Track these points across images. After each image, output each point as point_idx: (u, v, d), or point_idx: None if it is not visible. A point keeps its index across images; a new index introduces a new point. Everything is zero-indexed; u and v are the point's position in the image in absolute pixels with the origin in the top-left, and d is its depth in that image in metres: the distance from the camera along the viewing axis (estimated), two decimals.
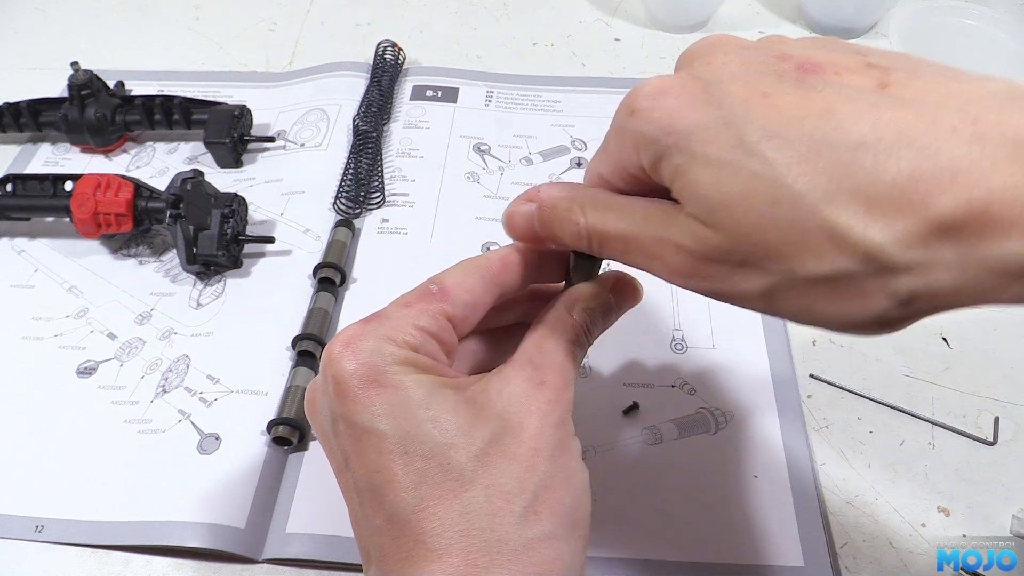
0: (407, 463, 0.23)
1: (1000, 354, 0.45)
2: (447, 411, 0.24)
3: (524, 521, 0.23)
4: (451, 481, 0.23)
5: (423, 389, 0.24)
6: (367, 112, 0.57)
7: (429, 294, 0.27)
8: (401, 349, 0.25)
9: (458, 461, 0.23)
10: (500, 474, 0.24)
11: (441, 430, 0.24)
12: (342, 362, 0.25)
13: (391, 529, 0.24)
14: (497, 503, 0.23)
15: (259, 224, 0.51)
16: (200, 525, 0.37)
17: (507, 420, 0.25)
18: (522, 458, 0.24)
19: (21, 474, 0.40)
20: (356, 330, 0.26)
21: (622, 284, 0.30)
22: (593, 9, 0.70)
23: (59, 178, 0.49)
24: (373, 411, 0.24)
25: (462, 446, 0.24)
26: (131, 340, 0.46)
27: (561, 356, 0.27)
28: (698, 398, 0.42)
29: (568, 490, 0.25)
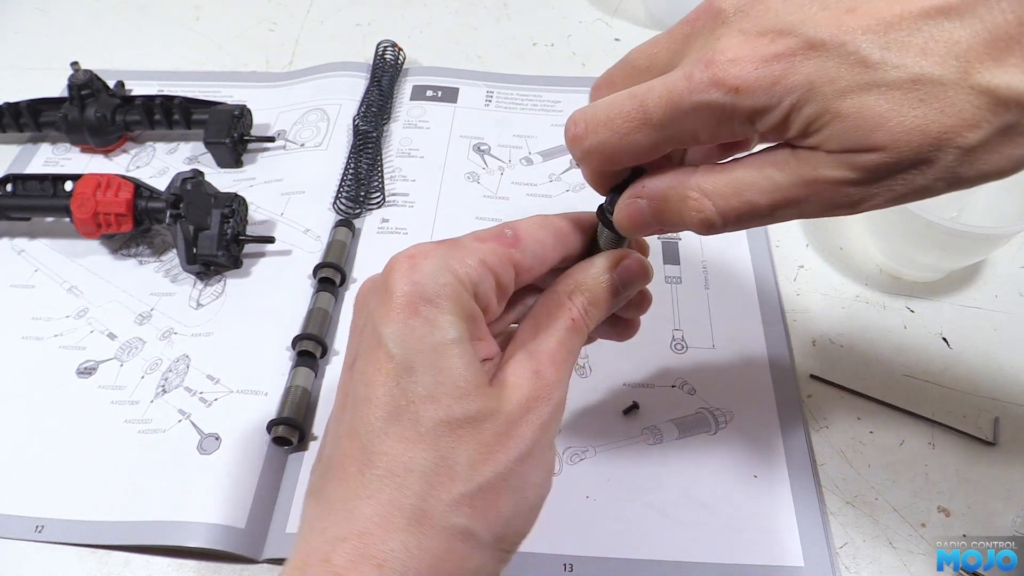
0: (392, 392, 0.24)
1: (1000, 354, 0.45)
2: (455, 366, 0.24)
3: (456, 507, 0.23)
4: (414, 432, 0.23)
5: (450, 333, 0.24)
6: (367, 112, 0.57)
7: (503, 236, 0.27)
8: (457, 280, 0.25)
9: (430, 416, 0.23)
10: (459, 451, 0.23)
11: (437, 381, 0.24)
12: (399, 273, 0.25)
13: (349, 443, 0.24)
14: (440, 477, 0.23)
15: (259, 224, 0.51)
16: (200, 525, 0.37)
17: (496, 404, 0.24)
18: (486, 446, 0.24)
19: (21, 474, 0.40)
20: (426, 248, 0.25)
21: (629, 263, 0.29)
22: (593, 9, 0.70)
23: (59, 178, 0.49)
24: (396, 330, 0.24)
25: (443, 405, 0.23)
26: (131, 340, 0.46)
27: (556, 344, 0.26)
28: (698, 398, 0.42)
29: (513, 501, 0.24)
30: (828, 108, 0.21)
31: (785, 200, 0.23)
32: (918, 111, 0.20)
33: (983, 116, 0.20)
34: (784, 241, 0.51)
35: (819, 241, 0.51)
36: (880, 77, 0.20)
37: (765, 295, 0.47)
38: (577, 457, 0.40)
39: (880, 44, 0.20)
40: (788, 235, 0.51)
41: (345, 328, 0.46)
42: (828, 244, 0.50)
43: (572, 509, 0.38)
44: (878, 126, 0.21)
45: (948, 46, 0.20)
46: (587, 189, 0.55)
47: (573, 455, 0.40)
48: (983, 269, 0.49)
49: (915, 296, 0.47)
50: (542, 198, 0.53)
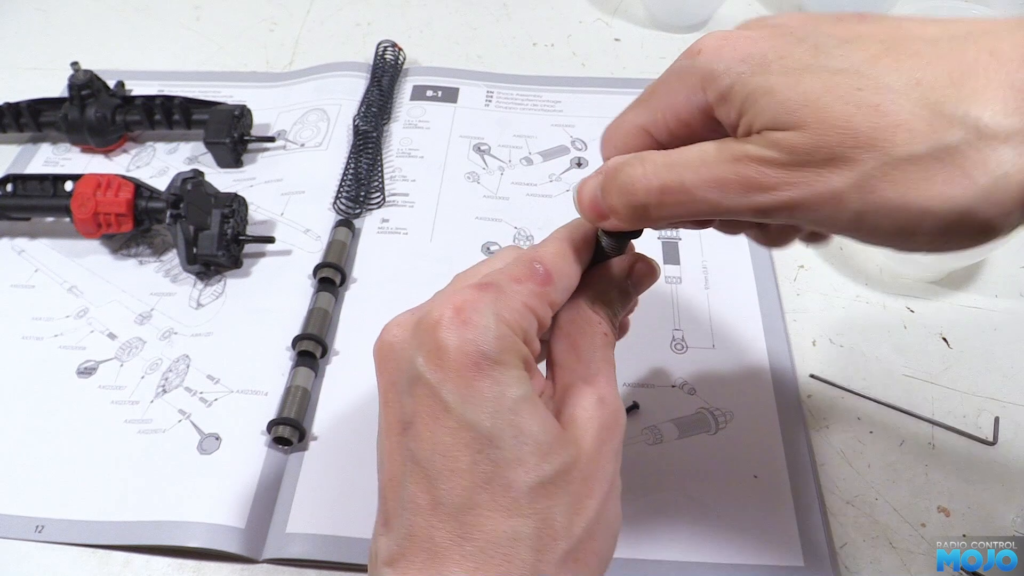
0: (476, 462, 0.22)
1: (1000, 354, 0.45)
2: (534, 424, 0.23)
3: (563, 565, 0.23)
4: (509, 499, 0.22)
5: (519, 391, 0.23)
6: (367, 112, 0.57)
7: (537, 274, 0.25)
8: (511, 333, 0.24)
9: (523, 481, 0.22)
10: (555, 509, 0.23)
11: (520, 443, 0.23)
12: (450, 330, 0.23)
13: (434, 514, 0.23)
14: (545, 541, 0.22)
15: (259, 224, 0.51)
16: (200, 525, 0.37)
17: (576, 448, 0.24)
18: (577, 495, 0.23)
19: (21, 474, 0.40)
20: (470, 298, 0.24)
21: (640, 268, 0.29)
22: (593, 9, 0.70)
23: (59, 178, 0.49)
24: (466, 396, 0.23)
25: (533, 467, 0.23)
26: (131, 340, 0.46)
27: (603, 363, 0.26)
28: (698, 398, 0.42)
29: (606, 537, 0.24)
30: (767, 81, 0.21)
31: (712, 178, 0.22)
32: (851, 100, 0.20)
33: (922, 127, 0.19)
34: None
35: None
36: (826, 63, 0.20)
37: (765, 295, 0.47)
38: None
39: (843, 39, 0.21)
40: None
41: (346, 328, 0.46)
42: (828, 244, 0.50)
43: None
44: (805, 103, 0.20)
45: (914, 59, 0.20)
46: None
47: None
48: (983, 269, 0.49)
49: (915, 296, 0.47)
50: (542, 198, 0.53)
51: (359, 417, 0.42)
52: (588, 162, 0.55)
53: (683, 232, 0.50)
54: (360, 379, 0.44)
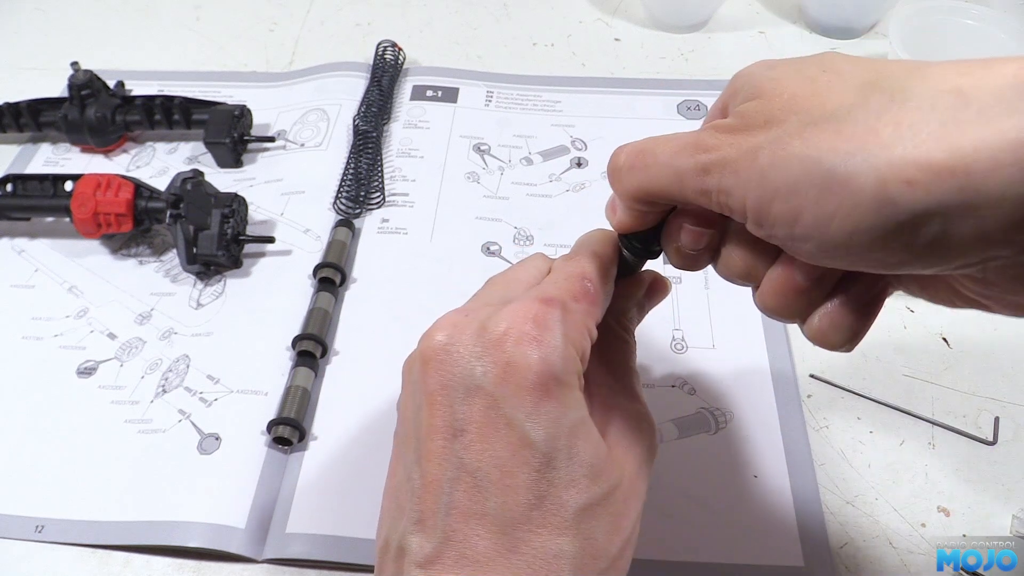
0: (533, 480, 0.23)
1: (1000, 354, 0.45)
2: (587, 448, 0.24)
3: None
4: (558, 518, 0.23)
5: (578, 413, 0.24)
6: (367, 112, 0.57)
7: (589, 293, 0.26)
8: (577, 354, 0.24)
9: (572, 503, 0.23)
10: (597, 529, 0.23)
11: (574, 464, 0.23)
12: (526, 348, 0.23)
13: (482, 524, 0.23)
14: (586, 559, 0.23)
15: (259, 224, 0.51)
16: (200, 525, 0.37)
17: (621, 472, 0.25)
18: (617, 515, 0.24)
19: (21, 474, 0.40)
20: (544, 316, 0.24)
21: (656, 283, 0.31)
22: (593, 9, 0.70)
23: (59, 178, 0.49)
24: (533, 415, 0.23)
25: (583, 490, 0.23)
26: (131, 340, 0.46)
27: (635, 381, 0.27)
28: (698, 398, 0.42)
29: (630, 555, 0.25)
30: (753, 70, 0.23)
31: (677, 143, 0.23)
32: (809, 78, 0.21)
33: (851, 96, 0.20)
34: None
35: None
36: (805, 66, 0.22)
37: None
38: None
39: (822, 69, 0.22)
40: None
41: (346, 328, 0.46)
42: None
43: None
44: (772, 79, 0.22)
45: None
46: (586, 189, 0.55)
47: None
48: None
49: (915, 296, 0.47)
50: (542, 198, 0.53)
51: (359, 417, 0.42)
52: (588, 162, 0.55)
53: None
54: (360, 379, 0.44)
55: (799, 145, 0.20)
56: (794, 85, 0.21)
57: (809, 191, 0.19)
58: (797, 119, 0.20)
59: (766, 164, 0.20)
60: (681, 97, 0.59)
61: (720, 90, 0.25)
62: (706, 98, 0.59)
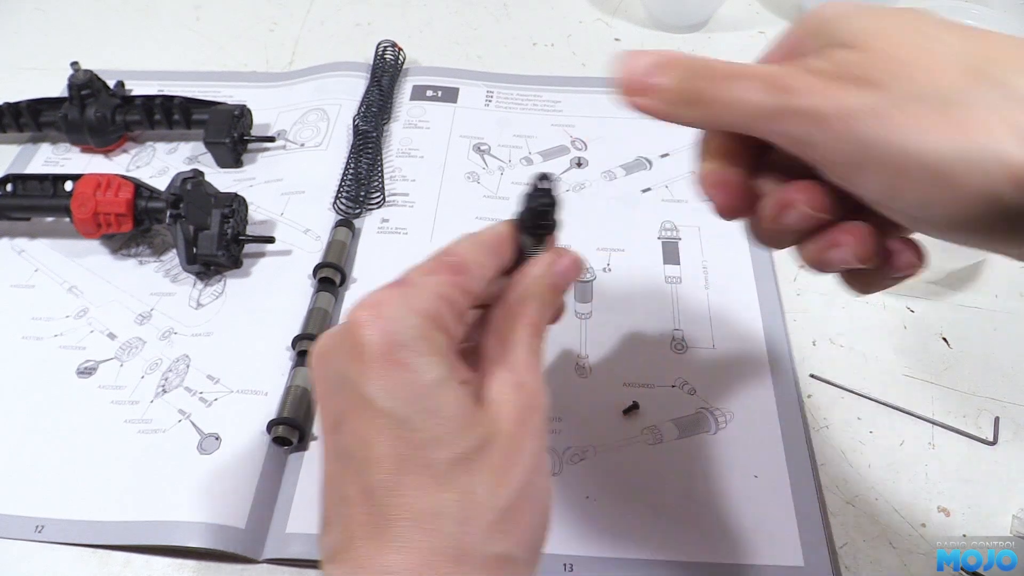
0: (395, 446, 0.23)
1: (1000, 354, 0.45)
2: (448, 403, 0.24)
3: (490, 536, 0.23)
4: (429, 477, 0.23)
5: (433, 374, 0.24)
6: (367, 112, 0.57)
7: (449, 266, 0.27)
8: (424, 321, 0.25)
9: (441, 458, 0.23)
10: (477, 482, 0.24)
11: (436, 422, 0.24)
12: (366, 328, 0.24)
13: (364, 503, 0.24)
14: (468, 512, 0.23)
15: (259, 224, 0.51)
16: (200, 525, 0.37)
17: (494, 425, 0.25)
18: (499, 469, 0.24)
19: (21, 474, 0.40)
20: (383, 296, 0.25)
21: (563, 263, 0.30)
22: (593, 9, 0.70)
23: (59, 178, 0.49)
24: (382, 385, 0.24)
25: (449, 444, 0.24)
26: (131, 340, 0.46)
27: (526, 352, 0.27)
28: (698, 398, 0.42)
29: (535, 511, 0.25)
30: (855, 11, 0.22)
31: (756, 71, 0.23)
32: (910, 39, 0.21)
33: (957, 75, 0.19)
34: None
35: None
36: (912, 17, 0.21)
37: (765, 295, 0.47)
38: (577, 457, 0.40)
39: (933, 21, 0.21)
40: None
41: None
42: None
43: (572, 509, 0.38)
44: (876, 32, 0.21)
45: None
46: (587, 188, 0.55)
47: (573, 455, 0.40)
48: (983, 269, 0.49)
49: (915, 296, 0.47)
50: None
51: None
52: (588, 162, 0.55)
53: (683, 232, 0.50)
54: None
55: (904, 123, 0.19)
56: (897, 46, 0.20)
57: (912, 173, 0.19)
58: (900, 89, 0.20)
59: (866, 133, 0.20)
60: None
61: None
62: None
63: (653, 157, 0.55)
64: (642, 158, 0.55)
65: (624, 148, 0.56)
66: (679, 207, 0.52)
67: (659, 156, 0.56)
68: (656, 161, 0.55)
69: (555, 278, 0.29)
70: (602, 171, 0.55)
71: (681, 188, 0.53)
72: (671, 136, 0.57)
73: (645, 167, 0.55)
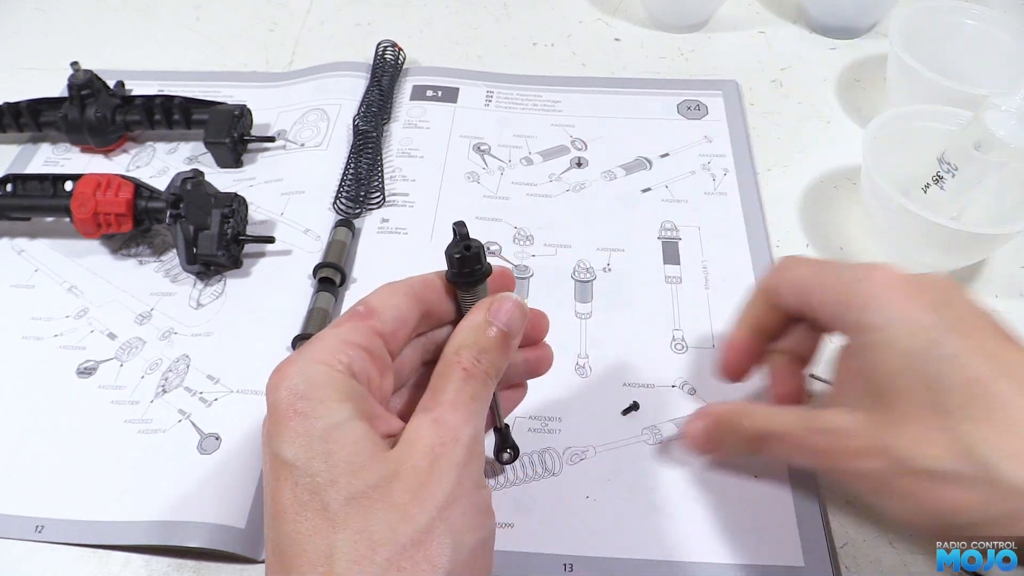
0: (295, 495, 0.24)
1: None
2: (346, 446, 0.24)
3: (386, 572, 0.23)
4: (324, 520, 0.23)
5: (332, 418, 0.25)
6: (367, 112, 0.57)
7: (357, 314, 0.28)
8: (327, 369, 0.26)
9: (334, 500, 0.23)
10: (374, 520, 0.23)
11: (330, 465, 0.24)
12: (272, 391, 0.26)
13: (273, 552, 0.24)
14: (362, 550, 0.23)
15: (259, 224, 0.51)
16: (200, 525, 0.37)
17: (400, 463, 0.25)
18: (401, 506, 0.24)
19: (21, 474, 0.40)
20: (288, 358, 0.27)
21: (498, 306, 0.30)
22: (593, 9, 0.70)
23: (59, 178, 0.49)
24: (282, 438, 0.25)
25: (343, 485, 0.24)
26: (131, 340, 0.46)
27: (454, 394, 0.27)
28: (698, 398, 0.42)
29: (448, 549, 0.24)
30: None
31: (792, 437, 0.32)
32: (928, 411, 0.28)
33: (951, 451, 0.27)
34: (784, 241, 0.50)
35: (820, 241, 0.51)
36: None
37: None
38: (577, 457, 0.40)
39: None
40: (788, 235, 0.51)
41: None
42: (828, 244, 0.50)
43: (572, 509, 0.38)
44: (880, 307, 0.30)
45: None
46: (586, 188, 0.55)
47: (573, 455, 0.40)
48: (983, 269, 0.49)
49: None
50: (542, 198, 0.53)
51: None
52: (588, 162, 0.55)
53: (683, 232, 0.50)
54: None
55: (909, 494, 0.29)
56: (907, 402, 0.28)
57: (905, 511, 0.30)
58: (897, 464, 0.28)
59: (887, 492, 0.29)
60: (681, 97, 0.59)
61: (719, 90, 0.25)
62: (706, 98, 0.59)
63: (653, 157, 0.55)
64: (642, 158, 0.55)
65: (624, 148, 0.56)
66: (679, 207, 0.52)
67: (659, 156, 0.56)
68: (656, 161, 0.55)
69: (496, 321, 0.29)
70: (602, 171, 0.55)
71: (681, 188, 0.53)
72: (671, 136, 0.57)
73: (645, 167, 0.55)
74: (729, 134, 0.57)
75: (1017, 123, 0.41)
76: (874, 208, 0.47)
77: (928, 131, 0.48)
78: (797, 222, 0.52)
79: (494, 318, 0.29)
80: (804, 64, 0.64)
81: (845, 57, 0.64)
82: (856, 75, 0.62)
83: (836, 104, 0.60)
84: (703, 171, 0.54)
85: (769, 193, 0.53)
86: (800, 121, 0.59)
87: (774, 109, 0.60)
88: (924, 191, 0.47)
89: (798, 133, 0.58)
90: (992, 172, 0.44)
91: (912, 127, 0.48)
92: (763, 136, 0.57)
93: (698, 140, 0.57)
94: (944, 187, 0.45)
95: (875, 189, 0.45)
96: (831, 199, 0.53)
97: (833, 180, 0.54)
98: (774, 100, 0.60)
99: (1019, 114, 0.41)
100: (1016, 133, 0.41)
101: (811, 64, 0.64)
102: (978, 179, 0.44)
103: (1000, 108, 0.42)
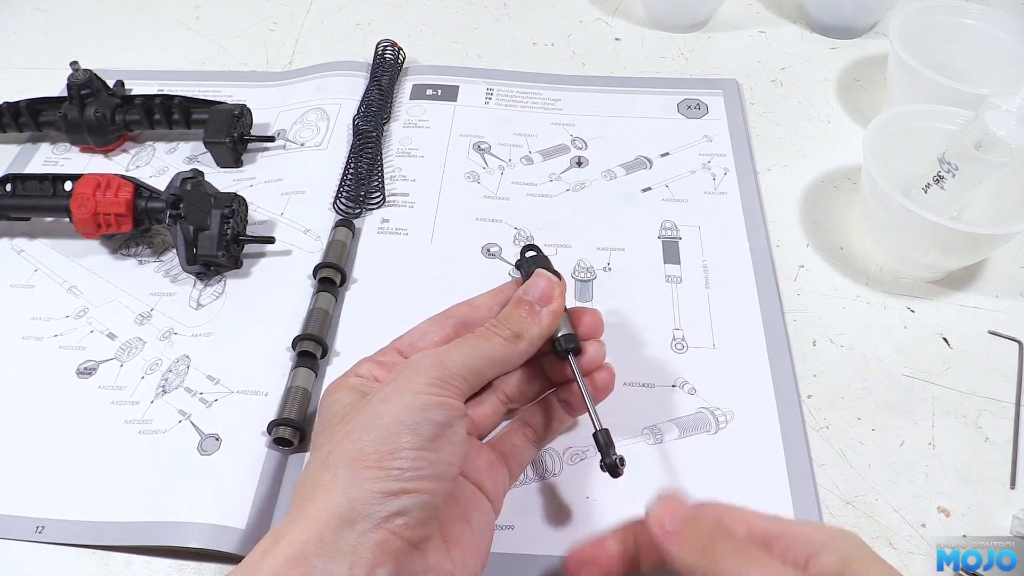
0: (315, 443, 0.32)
1: (1000, 354, 0.45)
2: (339, 404, 0.32)
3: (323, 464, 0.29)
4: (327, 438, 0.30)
5: (339, 394, 0.33)
6: (367, 111, 0.57)
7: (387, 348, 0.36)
8: (355, 378, 0.34)
9: (322, 438, 0.31)
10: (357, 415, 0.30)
11: (327, 417, 0.32)
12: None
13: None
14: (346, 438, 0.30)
15: (259, 224, 0.51)
16: (200, 526, 0.37)
17: (362, 408, 0.31)
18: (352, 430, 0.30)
19: (21, 474, 0.40)
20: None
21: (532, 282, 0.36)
22: (593, 9, 0.70)
23: (59, 178, 0.49)
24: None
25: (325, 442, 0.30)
26: (131, 340, 0.46)
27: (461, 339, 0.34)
28: (698, 398, 0.42)
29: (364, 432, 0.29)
30: None
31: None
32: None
33: None
34: (784, 241, 0.51)
35: (819, 241, 0.51)
36: None
37: (765, 295, 0.47)
38: (577, 457, 0.40)
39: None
40: (788, 235, 0.51)
41: (346, 328, 0.46)
42: (828, 244, 0.50)
43: (572, 509, 0.38)
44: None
45: None
46: (586, 188, 0.55)
47: (573, 455, 0.40)
48: (983, 269, 0.49)
49: (915, 296, 0.47)
50: (542, 198, 0.53)
51: None
52: (588, 161, 0.55)
53: (684, 231, 0.50)
54: None
55: None
56: None
57: None
58: None
59: None
60: (681, 96, 0.59)
61: (719, 89, 0.25)
62: (706, 97, 0.59)
63: (653, 156, 0.55)
64: (642, 157, 0.55)
65: (624, 147, 0.56)
66: (679, 206, 0.52)
67: (659, 155, 0.56)
68: (656, 160, 0.55)
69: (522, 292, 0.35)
70: (602, 170, 0.55)
71: (681, 187, 0.53)
72: (671, 135, 0.57)
73: (645, 166, 0.55)
74: (729, 133, 0.57)
75: (1017, 123, 0.41)
76: (874, 208, 0.47)
77: (928, 131, 0.48)
78: (797, 222, 0.52)
79: (523, 293, 0.35)
80: (804, 64, 0.64)
81: (845, 57, 0.64)
82: (856, 75, 0.62)
83: (836, 104, 0.60)
84: (703, 170, 0.54)
85: (769, 192, 0.53)
86: (800, 121, 0.59)
87: (774, 109, 0.60)
88: (924, 191, 0.47)
89: (798, 133, 0.58)
90: (992, 172, 0.44)
91: (912, 127, 0.48)
92: (763, 135, 0.57)
93: (698, 139, 0.57)
94: (944, 187, 0.45)
95: (875, 189, 0.45)
96: (831, 199, 0.53)
97: (833, 180, 0.54)
98: (774, 100, 0.60)
99: (1019, 114, 0.41)
100: (1016, 133, 0.41)
101: (811, 64, 0.64)
102: (978, 179, 0.44)
103: (1001, 108, 0.42)
